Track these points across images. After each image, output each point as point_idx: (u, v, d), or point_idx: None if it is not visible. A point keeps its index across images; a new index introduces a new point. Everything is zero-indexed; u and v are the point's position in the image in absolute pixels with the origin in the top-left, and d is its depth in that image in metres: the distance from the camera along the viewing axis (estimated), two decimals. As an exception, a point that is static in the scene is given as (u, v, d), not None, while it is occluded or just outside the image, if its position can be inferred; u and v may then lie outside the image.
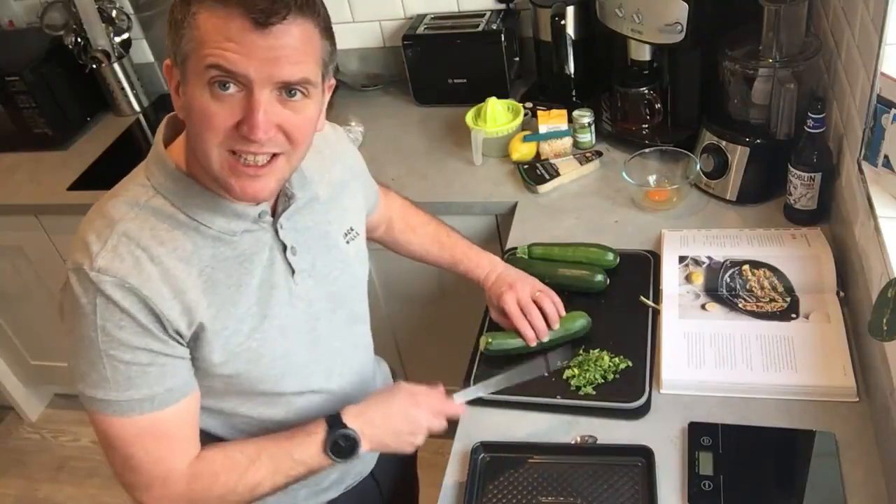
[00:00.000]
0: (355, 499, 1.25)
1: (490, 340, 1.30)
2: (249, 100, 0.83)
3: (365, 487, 1.26)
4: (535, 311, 1.28)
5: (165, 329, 0.90)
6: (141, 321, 0.88)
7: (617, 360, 1.25)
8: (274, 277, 0.99)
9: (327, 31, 0.87)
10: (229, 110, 0.83)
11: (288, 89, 0.84)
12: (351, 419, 1.03)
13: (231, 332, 0.96)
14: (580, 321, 1.30)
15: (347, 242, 1.11)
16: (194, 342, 0.94)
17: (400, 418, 1.07)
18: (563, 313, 1.30)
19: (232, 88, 0.82)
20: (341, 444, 1.01)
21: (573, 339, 1.30)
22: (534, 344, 1.27)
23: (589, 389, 1.22)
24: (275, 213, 0.99)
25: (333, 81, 0.95)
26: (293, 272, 1.02)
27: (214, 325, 0.94)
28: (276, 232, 0.99)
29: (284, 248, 1.00)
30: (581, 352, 1.28)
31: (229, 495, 0.99)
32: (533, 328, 1.27)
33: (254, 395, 1.05)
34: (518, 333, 1.28)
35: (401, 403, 1.07)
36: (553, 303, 1.30)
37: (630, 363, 1.25)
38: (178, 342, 0.93)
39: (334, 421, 1.02)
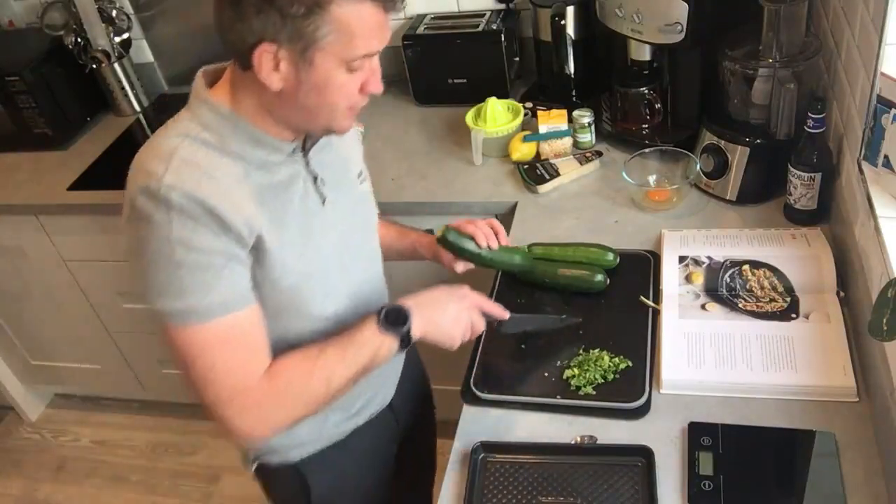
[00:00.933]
0: (375, 427, 1.32)
1: (447, 229, 1.31)
2: (372, 67, 0.99)
3: (384, 417, 1.34)
4: (484, 227, 1.34)
5: (233, 235, 0.98)
6: (212, 228, 0.96)
7: (617, 360, 1.25)
8: (309, 204, 1.10)
9: None
10: (358, 79, 0.99)
11: None
12: (401, 302, 1.12)
13: (284, 249, 1.05)
14: (520, 252, 1.39)
15: (361, 182, 1.24)
16: (254, 254, 1.02)
17: (448, 307, 1.15)
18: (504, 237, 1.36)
19: (363, 63, 0.97)
20: (392, 318, 1.09)
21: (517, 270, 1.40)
22: (483, 245, 1.31)
23: (589, 389, 1.22)
24: (304, 149, 1.10)
25: None
26: (324, 201, 1.12)
27: (271, 239, 1.03)
28: (307, 164, 1.10)
29: (315, 178, 1.11)
30: (581, 352, 1.28)
31: (307, 387, 1.05)
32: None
33: (299, 318, 1.12)
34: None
35: (448, 296, 1.17)
36: (496, 225, 1.36)
37: (630, 363, 1.25)
38: (244, 251, 1.01)
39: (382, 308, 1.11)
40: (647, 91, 1.71)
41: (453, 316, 1.15)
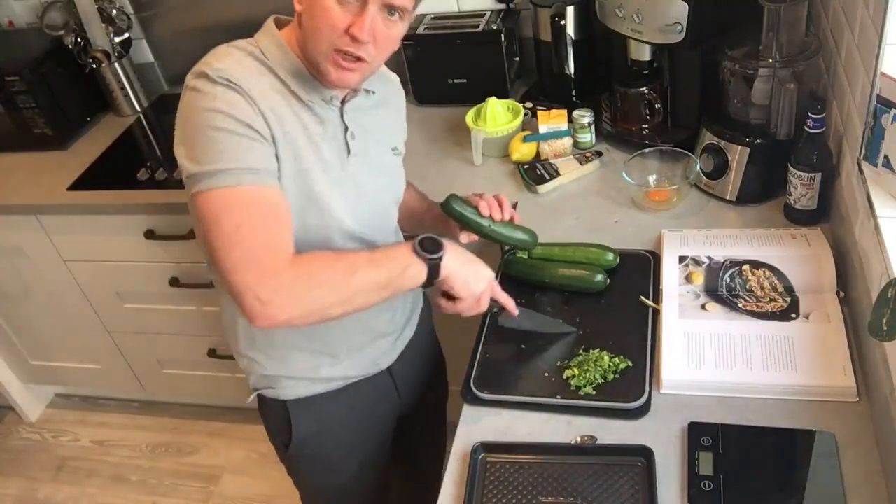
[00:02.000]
0: (371, 390, 1.38)
1: (452, 197, 1.32)
2: (363, 10, 1.04)
3: (381, 382, 1.40)
4: (490, 198, 1.38)
5: (263, 124, 1.07)
6: (251, 110, 1.05)
7: (617, 360, 1.25)
8: (333, 147, 1.17)
9: None
10: (346, 15, 1.04)
11: (390, 9, 1.06)
12: (439, 237, 1.16)
13: (301, 166, 1.12)
14: (527, 232, 1.39)
15: (395, 155, 1.31)
16: (277, 159, 1.09)
17: (476, 267, 1.20)
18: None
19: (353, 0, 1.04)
20: (427, 244, 1.13)
21: (518, 244, 1.40)
22: (486, 214, 1.33)
23: (589, 389, 1.22)
24: (343, 103, 1.18)
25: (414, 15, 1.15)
26: (349, 152, 1.19)
27: (291, 151, 1.10)
28: (342, 115, 1.18)
29: (346, 129, 1.18)
30: (581, 352, 1.28)
31: (329, 274, 1.08)
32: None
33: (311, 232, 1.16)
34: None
35: (478, 261, 1.21)
36: (504, 202, 1.39)
37: (630, 363, 1.25)
38: (272, 141, 1.08)
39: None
40: (647, 91, 1.71)
41: (477, 276, 1.19)
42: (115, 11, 2.26)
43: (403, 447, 1.54)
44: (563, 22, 1.77)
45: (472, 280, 1.18)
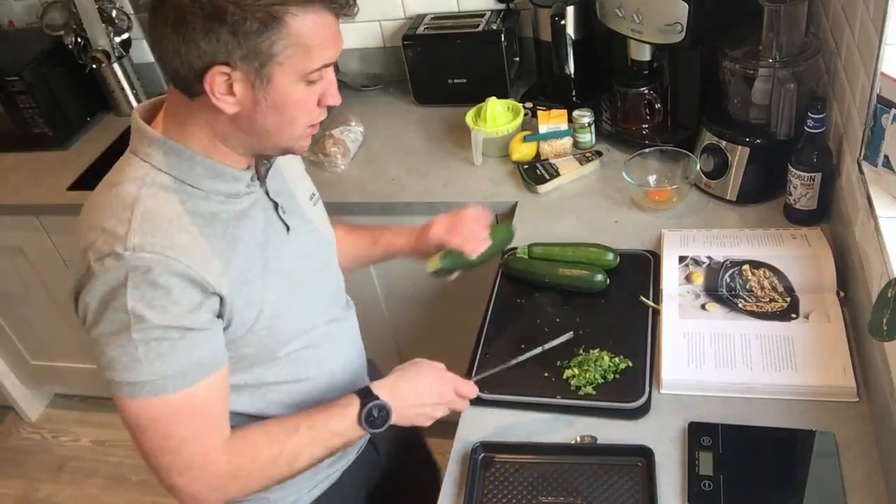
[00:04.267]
0: (363, 463, 1.30)
1: (441, 259, 1.30)
2: (327, 77, 0.96)
3: (367, 453, 1.31)
4: (464, 227, 1.30)
5: (204, 293, 0.94)
6: (176, 296, 0.91)
7: (617, 360, 1.25)
8: (272, 234, 1.06)
9: None
10: (315, 93, 0.95)
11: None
12: (382, 392, 1.08)
13: (255, 285, 1.01)
14: (505, 232, 1.37)
15: (314, 205, 1.20)
16: (230, 299, 0.98)
17: (427, 392, 1.12)
18: (486, 224, 1.33)
19: (321, 75, 0.94)
20: (374, 415, 1.06)
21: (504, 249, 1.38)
22: (475, 255, 1.29)
23: (589, 389, 1.22)
24: (260, 177, 1.06)
25: None
26: (288, 229, 1.09)
27: (247, 282, 1.00)
28: (267, 193, 1.07)
29: (276, 206, 1.08)
30: (581, 352, 1.28)
31: (270, 468, 1.02)
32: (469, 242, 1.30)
33: (277, 355, 1.09)
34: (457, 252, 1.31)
35: (427, 379, 1.13)
36: (475, 219, 1.32)
37: (630, 363, 1.25)
38: (215, 312, 0.97)
39: (365, 393, 1.07)
40: (647, 91, 1.71)
41: (431, 402, 1.12)
42: (115, 11, 2.25)
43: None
44: (563, 22, 1.77)
45: (430, 401, 1.12)
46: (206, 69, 0.88)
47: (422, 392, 1.12)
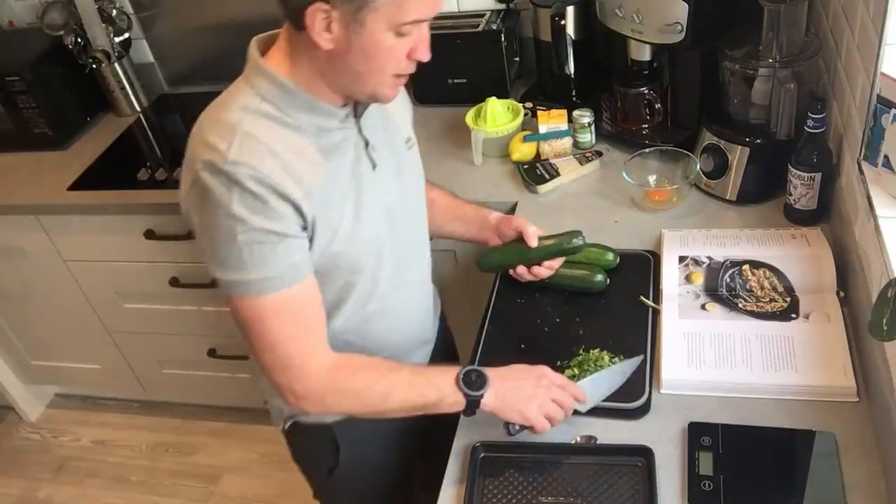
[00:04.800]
0: None
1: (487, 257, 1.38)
2: (421, 34, 1.02)
3: None
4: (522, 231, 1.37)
5: (291, 210, 1.02)
6: (271, 204, 1.00)
7: (617, 359, 1.25)
8: (360, 170, 1.13)
9: None
10: (406, 46, 1.01)
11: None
12: (484, 370, 1.14)
13: (336, 216, 1.09)
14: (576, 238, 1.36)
15: (409, 149, 1.26)
16: (311, 220, 1.05)
17: (524, 387, 1.14)
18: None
19: (413, 29, 1.00)
20: (472, 378, 1.11)
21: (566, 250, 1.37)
22: (534, 244, 1.34)
23: (589, 389, 1.22)
24: (356, 115, 1.12)
25: None
26: (374, 166, 1.15)
27: (324, 208, 1.06)
28: (359, 130, 1.13)
29: (366, 144, 1.14)
30: (581, 352, 1.28)
31: (365, 392, 1.11)
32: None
33: (355, 297, 1.17)
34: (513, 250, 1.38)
35: (527, 375, 1.15)
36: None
37: (620, 359, 1.25)
38: (302, 224, 1.05)
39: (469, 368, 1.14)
40: (647, 91, 1.71)
41: (528, 394, 1.13)
42: (115, 11, 2.25)
43: (430, 456, 1.51)
44: (563, 22, 1.77)
45: (517, 408, 1.12)
46: (308, 4, 0.94)
47: (521, 377, 1.15)
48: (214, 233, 1.01)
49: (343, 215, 1.10)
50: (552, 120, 1.78)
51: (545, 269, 1.36)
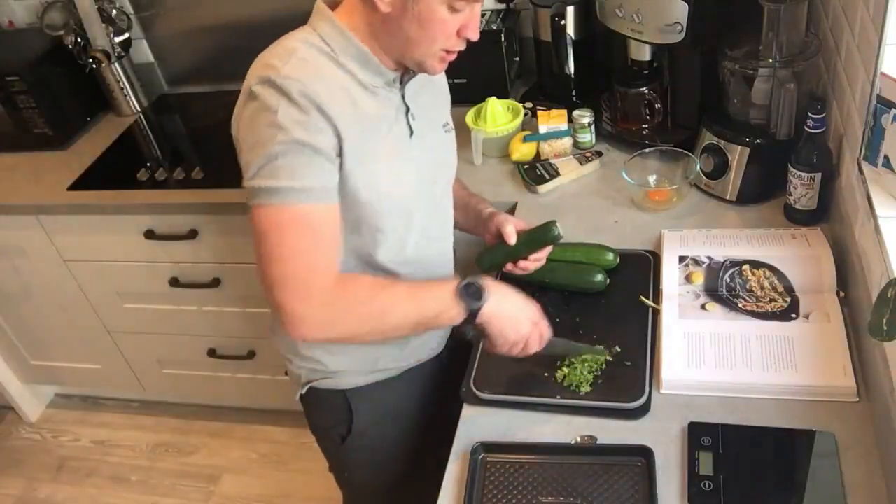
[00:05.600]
0: (424, 373, 1.41)
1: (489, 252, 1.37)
2: (472, 13, 1.09)
3: (433, 366, 1.43)
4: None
5: (330, 134, 1.06)
6: (313, 120, 1.05)
7: (608, 353, 1.26)
8: (397, 132, 1.18)
9: None
10: (457, 21, 1.08)
11: None
12: (484, 281, 1.16)
13: (365, 166, 1.11)
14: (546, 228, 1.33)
15: (446, 132, 1.32)
16: (341, 159, 1.09)
17: (520, 312, 1.19)
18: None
19: (465, 6, 1.07)
20: (471, 289, 1.14)
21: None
22: (512, 241, 1.34)
23: (586, 387, 1.22)
24: (402, 83, 1.18)
25: None
26: (411, 133, 1.20)
27: (356, 152, 1.09)
28: (403, 96, 1.19)
29: (407, 110, 1.20)
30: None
31: (366, 307, 1.12)
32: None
33: (373, 239, 1.19)
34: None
35: (525, 304, 1.21)
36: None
37: (629, 363, 1.25)
38: (336, 149, 1.08)
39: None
40: (647, 91, 1.71)
41: (520, 321, 1.18)
42: (115, 11, 2.26)
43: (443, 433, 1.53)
44: (563, 22, 1.77)
45: (513, 326, 1.18)
46: None
47: (517, 304, 1.19)
48: (256, 140, 1.05)
49: (375, 167, 1.12)
50: (552, 120, 1.78)
51: (532, 263, 1.36)
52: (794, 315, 1.27)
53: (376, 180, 1.13)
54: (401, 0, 1.04)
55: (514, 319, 1.18)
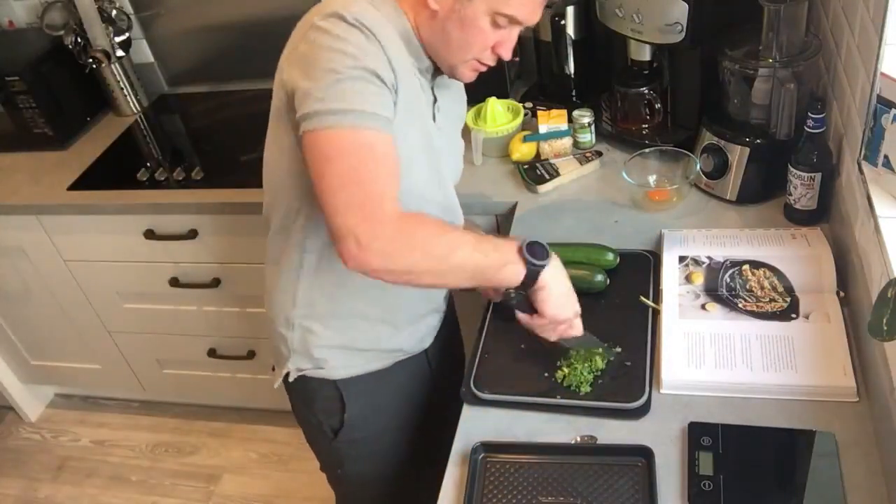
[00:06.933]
0: (411, 367, 1.41)
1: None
2: (510, 35, 1.13)
3: (419, 360, 1.44)
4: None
5: (394, 78, 1.08)
6: (381, 56, 1.06)
7: (607, 353, 1.26)
8: (427, 116, 1.21)
9: None
10: (495, 37, 1.12)
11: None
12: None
13: (406, 126, 1.13)
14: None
15: (459, 135, 1.39)
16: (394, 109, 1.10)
17: (569, 293, 1.21)
18: None
19: (506, 24, 1.11)
20: (536, 249, 1.14)
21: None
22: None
23: (586, 387, 1.22)
24: (433, 77, 1.22)
25: None
26: (434, 118, 1.24)
27: (405, 109, 1.11)
28: (432, 87, 1.23)
29: (435, 100, 1.24)
30: (572, 351, 1.28)
31: (433, 241, 1.08)
32: None
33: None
34: None
35: (572, 291, 1.22)
36: None
37: (629, 363, 1.25)
38: (394, 98, 1.09)
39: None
40: (647, 91, 1.71)
41: (571, 300, 1.21)
42: (115, 11, 2.26)
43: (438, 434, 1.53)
44: (563, 22, 1.77)
45: (564, 301, 1.18)
46: None
47: (570, 284, 1.21)
48: (323, 64, 1.03)
49: (410, 130, 1.14)
50: (552, 120, 1.78)
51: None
52: (794, 315, 1.27)
53: (408, 146, 1.12)
54: (449, 3, 1.09)
55: (567, 296, 1.19)
